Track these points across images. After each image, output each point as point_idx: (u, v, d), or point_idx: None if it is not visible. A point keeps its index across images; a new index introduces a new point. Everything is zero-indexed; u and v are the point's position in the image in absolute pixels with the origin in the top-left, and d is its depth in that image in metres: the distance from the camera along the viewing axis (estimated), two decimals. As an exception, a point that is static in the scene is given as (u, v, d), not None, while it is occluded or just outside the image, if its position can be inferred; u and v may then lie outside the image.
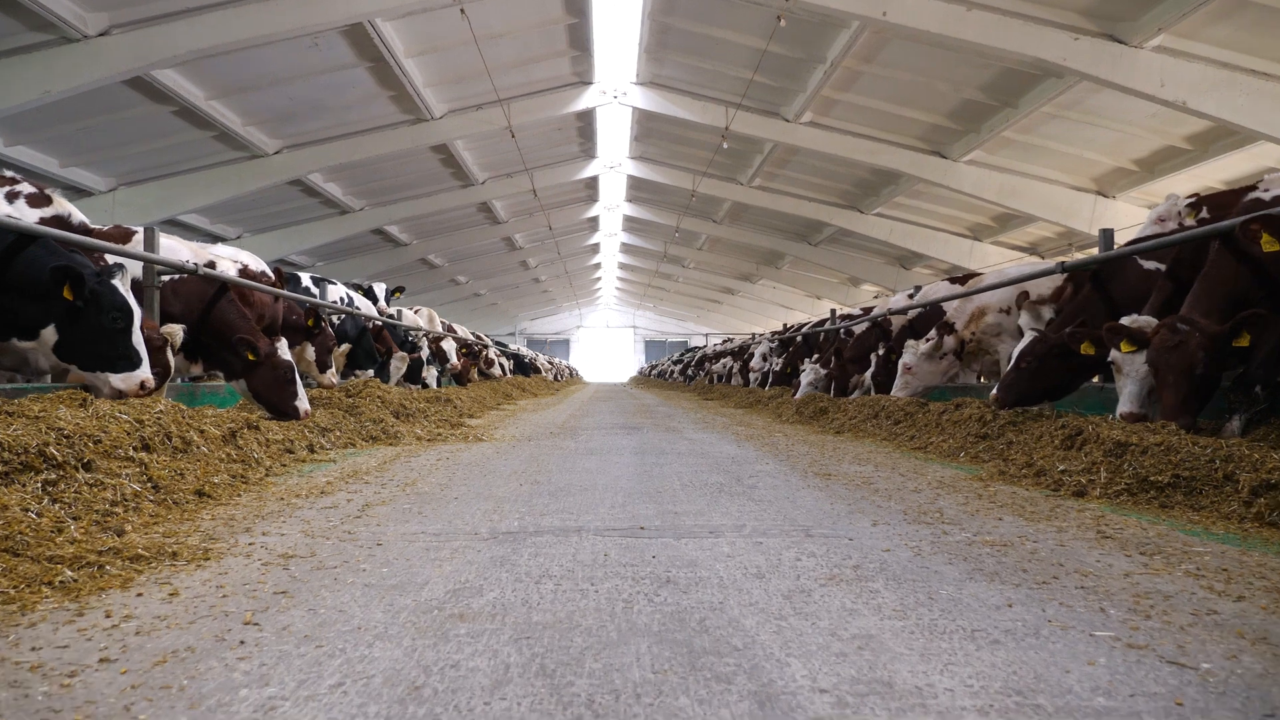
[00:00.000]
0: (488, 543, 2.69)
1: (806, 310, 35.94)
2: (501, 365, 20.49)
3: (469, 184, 23.33)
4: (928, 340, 7.28)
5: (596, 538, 2.77)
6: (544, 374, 30.69)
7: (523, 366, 25.67)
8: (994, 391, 5.40)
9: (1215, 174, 16.44)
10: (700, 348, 34.87)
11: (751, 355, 16.32)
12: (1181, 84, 12.45)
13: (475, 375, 17.96)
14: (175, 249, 5.63)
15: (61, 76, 12.16)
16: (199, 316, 5.52)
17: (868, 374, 9.11)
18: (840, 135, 18.42)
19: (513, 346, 29.37)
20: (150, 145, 16.57)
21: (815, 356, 10.95)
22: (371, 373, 9.42)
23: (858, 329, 10.27)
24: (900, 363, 7.26)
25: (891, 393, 7.32)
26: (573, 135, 22.57)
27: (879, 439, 6.63)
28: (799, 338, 13.15)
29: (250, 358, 5.33)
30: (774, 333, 17.55)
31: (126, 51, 12.27)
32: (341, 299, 9.12)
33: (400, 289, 12.03)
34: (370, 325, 9.41)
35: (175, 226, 20.09)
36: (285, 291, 7.04)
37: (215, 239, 22.70)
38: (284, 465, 4.64)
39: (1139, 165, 16.96)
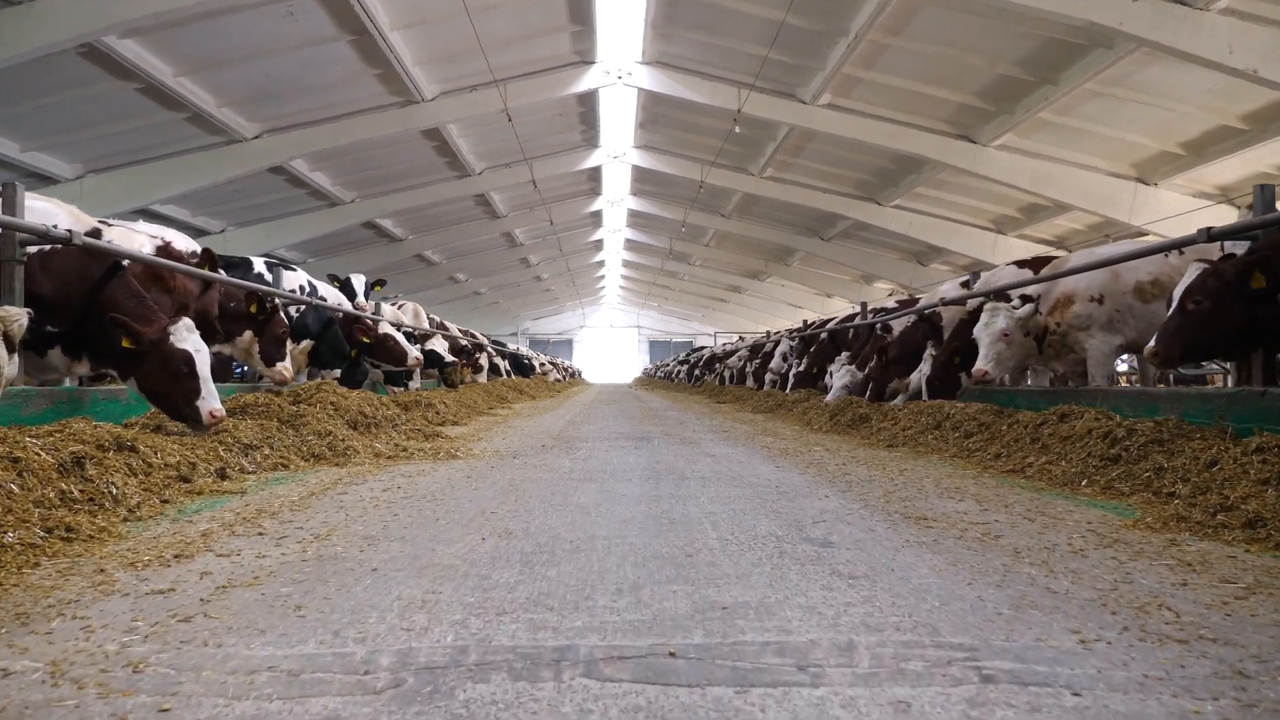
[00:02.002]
0: (376, 703, 1.40)
1: (816, 309, 34.59)
2: (497, 366, 19.16)
3: (465, 174, 22.05)
4: (1014, 307, 5.93)
5: (588, 684, 1.48)
6: (545, 375, 29.36)
7: (521, 367, 24.36)
8: (1150, 344, 4.15)
9: (1270, 158, 15.13)
10: (705, 348, 33.55)
11: (768, 355, 15.01)
12: (1252, 50, 11.13)
13: (470, 377, 16.67)
14: (49, 213, 4.36)
15: (2, 44, 10.91)
16: (81, 300, 4.25)
17: (915, 376, 7.80)
18: (860, 118, 17.10)
19: (511, 346, 28.05)
20: (118, 128, 15.30)
21: (846, 356, 9.64)
22: (339, 373, 8.15)
23: (897, 324, 8.97)
24: (995, 328, 5.86)
25: (977, 366, 5.93)
26: (574, 122, 21.27)
27: (948, 456, 5.32)
28: (824, 335, 11.83)
29: (126, 344, 4.04)
30: (793, 330, 16.25)
31: (73, 15, 11.00)
32: (301, 288, 7.86)
33: (381, 282, 10.74)
34: (336, 318, 8.12)
35: (152, 218, 18.81)
36: (216, 274, 5.76)
37: (198, 232, 21.43)
38: (165, 502, 3.36)
39: (1186, 148, 15.62)
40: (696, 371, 27.25)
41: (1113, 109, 14.70)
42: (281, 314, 6.50)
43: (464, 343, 16.46)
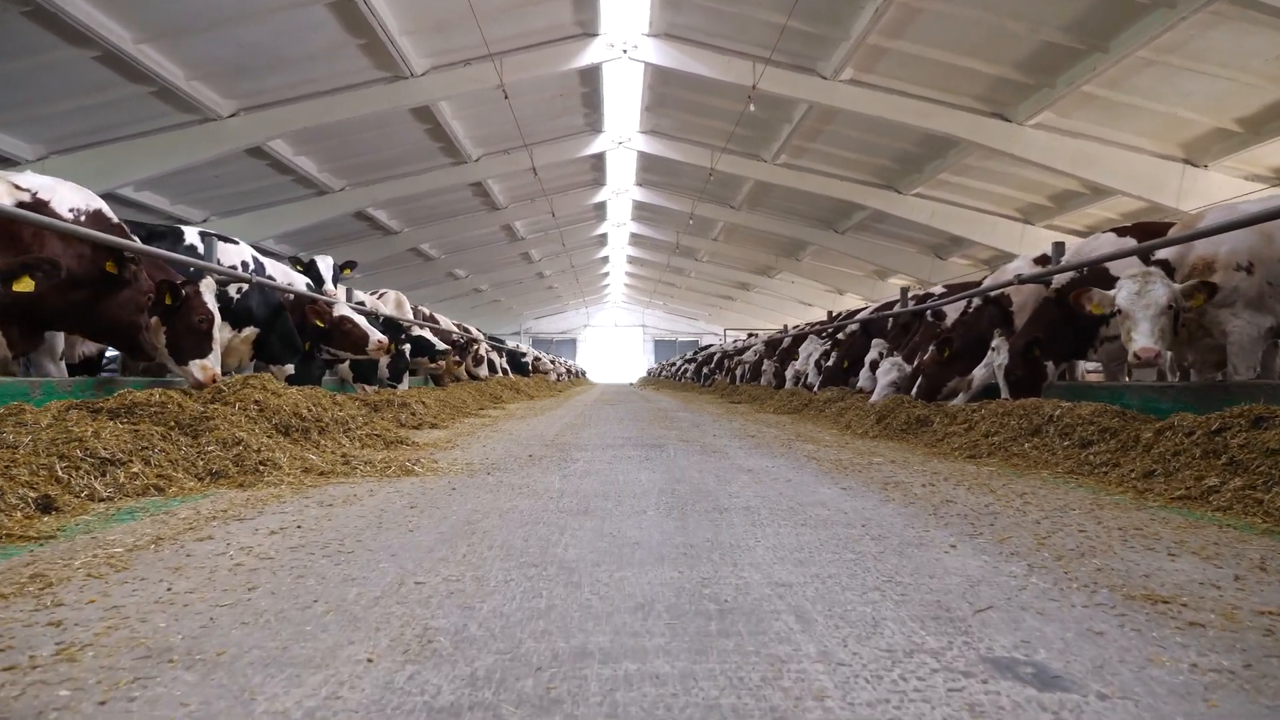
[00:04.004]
0: None
1: (827, 306, 33.23)
2: (493, 363, 17.85)
3: (461, 161, 20.72)
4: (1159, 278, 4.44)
5: None
6: (546, 374, 28.04)
7: (518, 365, 23.05)
8: None
9: (1336, 135, 13.77)
10: (711, 346, 32.22)
11: (787, 350, 13.67)
12: (1345, 3, 9.79)
13: (466, 375, 15.42)
14: None
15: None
16: None
17: (980, 370, 6.46)
18: (885, 94, 15.71)
19: (511, 344, 26.70)
20: (79, 103, 13.99)
21: (890, 348, 8.30)
22: (291, 369, 6.85)
23: (951, 310, 7.64)
24: (1156, 298, 4.31)
25: (1143, 344, 4.23)
26: (576, 104, 19.93)
27: (1061, 473, 4.01)
28: (855, 326, 10.49)
29: None
30: (815, 323, 14.91)
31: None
32: (244, 264, 6.55)
33: (351, 264, 9.43)
34: (286, 300, 6.81)
35: (128, 206, 17.60)
36: (92, 232, 4.42)
37: (179, 221, 20.21)
38: (-109, 560, 2.06)
39: (1243, 125, 14.26)
40: (706, 370, 25.92)
41: (1165, 80, 13.34)
42: (202, 298, 5.18)
43: (456, 336, 15.19)
